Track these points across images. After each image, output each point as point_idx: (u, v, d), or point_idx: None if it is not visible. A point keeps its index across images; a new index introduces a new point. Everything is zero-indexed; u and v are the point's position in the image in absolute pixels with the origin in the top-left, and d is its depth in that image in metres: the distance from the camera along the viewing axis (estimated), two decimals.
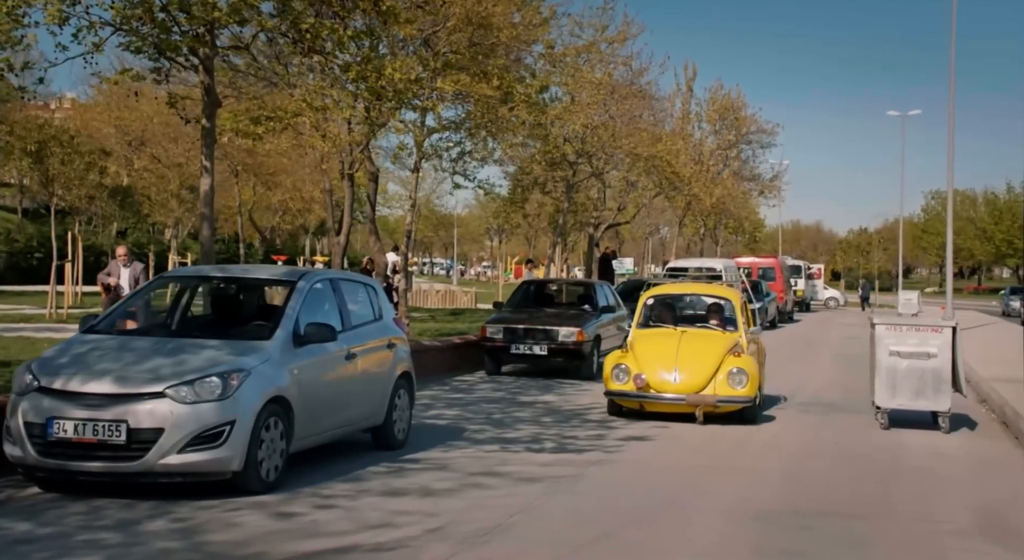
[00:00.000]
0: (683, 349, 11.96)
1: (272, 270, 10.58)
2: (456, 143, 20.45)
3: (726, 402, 11.56)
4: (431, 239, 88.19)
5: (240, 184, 39.84)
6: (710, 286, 14.56)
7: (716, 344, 12.13)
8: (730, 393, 11.56)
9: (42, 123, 31.36)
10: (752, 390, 11.64)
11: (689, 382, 11.61)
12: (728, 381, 11.57)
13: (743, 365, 11.69)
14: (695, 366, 11.70)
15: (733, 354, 11.90)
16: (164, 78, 13.20)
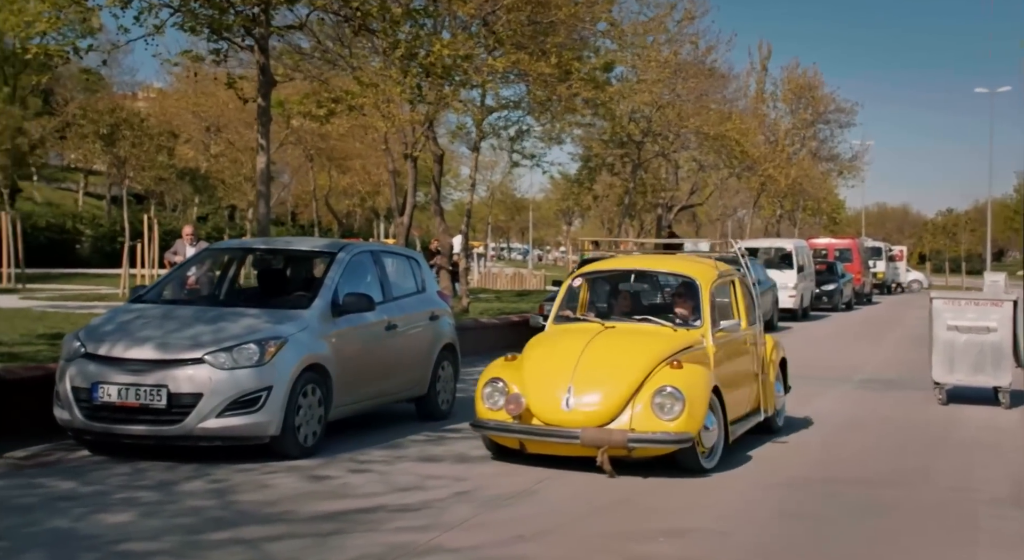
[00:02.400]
0: (589, 356, 7.67)
1: (314, 242, 10.77)
2: (514, 122, 20.48)
3: (643, 442, 7.23)
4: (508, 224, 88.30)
5: (315, 170, 40.51)
6: (666, 258, 9.71)
7: (649, 348, 7.83)
8: (652, 427, 7.28)
9: (113, 107, 32.30)
10: (691, 422, 7.32)
11: (589, 410, 7.38)
12: (652, 408, 7.34)
13: (680, 382, 7.39)
14: (602, 383, 7.49)
15: (671, 365, 7.58)
16: (223, 59, 13.51)
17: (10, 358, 10.23)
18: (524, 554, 5.57)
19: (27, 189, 46.88)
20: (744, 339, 8.93)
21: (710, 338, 8.27)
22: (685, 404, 7.35)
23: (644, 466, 7.55)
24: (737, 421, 8.36)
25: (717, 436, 7.75)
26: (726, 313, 8.94)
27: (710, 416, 7.63)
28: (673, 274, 9.07)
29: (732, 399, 8.15)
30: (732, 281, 9.07)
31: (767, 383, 9.20)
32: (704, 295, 8.47)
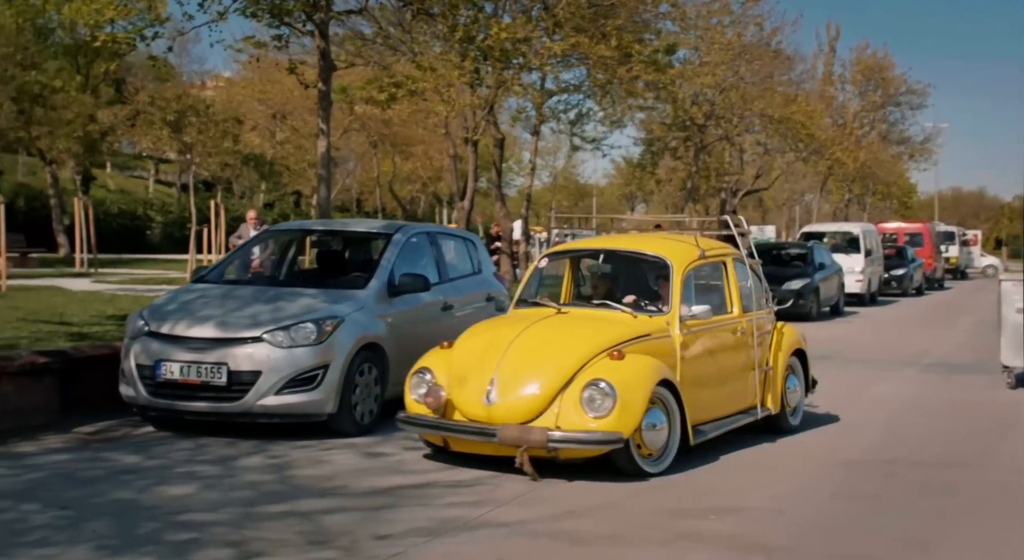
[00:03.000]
0: (519, 346, 6.91)
1: (371, 223, 10.89)
2: (574, 105, 20.42)
3: (564, 442, 6.46)
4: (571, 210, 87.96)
5: (379, 156, 40.87)
6: (641, 237, 8.81)
7: (590, 337, 7.01)
8: (578, 425, 6.51)
9: (180, 94, 32.96)
10: (622, 421, 6.50)
11: (510, 405, 6.63)
12: (581, 404, 6.56)
13: (613, 375, 6.58)
14: (528, 375, 6.70)
15: (611, 355, 6.74)
16: (284, 45, 13.69)
17: (80, 338, 10.52)
18: (574, 529, 5.59)
19: (100, 177, 48.05)
20: (735, 327, 7.89)
21: (676, 326, 7.30)
22: (616, 400, 6.48)
23: (700, 447, 7.51)
24: (717, 420, 7.51)
25: (667, 437, 6.85)
26: (717, 297, 7.98)
27: (658, 414, 6.78)
28: (642, 254, 7.99)
29: (704, 396, 7.33)
30: (724, 262, 8.05)
31: (773, 377, 8.21)
32: (675, 278, 7.49)
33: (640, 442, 6.73)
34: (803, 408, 8.78)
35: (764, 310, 8.42)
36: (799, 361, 8.75)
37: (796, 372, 8.64)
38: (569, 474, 6.70)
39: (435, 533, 5.44)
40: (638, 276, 8.11)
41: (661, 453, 6.87)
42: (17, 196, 35.76)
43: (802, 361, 8.81)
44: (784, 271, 20.50)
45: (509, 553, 5.16)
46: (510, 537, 5.42)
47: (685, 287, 7.52)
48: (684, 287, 7.50)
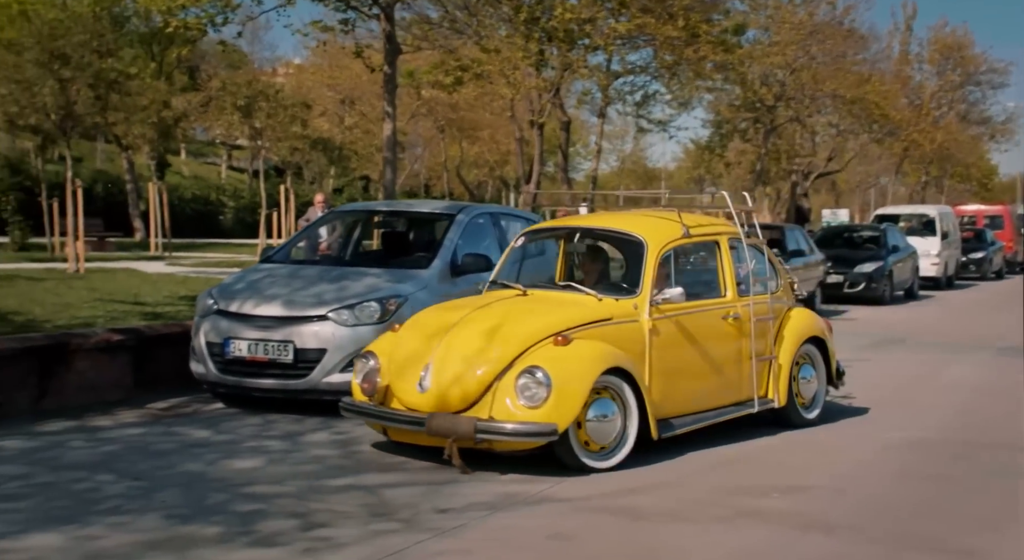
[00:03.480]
0: (461, 330, 6.46)
1: (435, 204, 10.97)
2: (640, 87, 20.26)
3: (492, 433, 6.03)
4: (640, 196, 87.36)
5: (446, 141, 41.04)
6: (619, 215, 8.20)
7: (538, 321, 6.51)
8: (512, 415, 6.07)
9: (250, 79, 33.49)
10: (557, 412, 6.03)
11: (443, 392, 6.22)
12: (516, 392, 6.12)
13: (551, 362, 6.13)
14: (464, 361, 6.26)
15: (555, 341, 6.29)
16: (351, 29, 13.81)
17: (154, 317, 10.80)
18: (634, 505, 5.59)
19: (175, 163, 49.06)
20: (726, 312, 7.25)
21: (646, 310, 6.73)
22: (551, 389, 6.01)
23: (764, 425, 7.44)
24: (700, 413, 7.00)
25: (619, 430, 6.37)
26: (709, 280, 7.46)
27: (608, 406, 6.32)
28: (617, 233, 7.45)
29: (681, 386, 6.85)
30: (717, 242, 7.44)
31: (779, 366, 7.55)
32: (649, 258, 6.90)
33: (586, 435, 6.24)
34: (823, 400, 7.99)
35: (771, 294, 7.65)
36: (818, 350, 7.97)
37: (814, 361, 7.94)
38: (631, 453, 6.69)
39: (495, 507, 5.49)
40: (615, 256, 7.74)
41: (612, 447, 6.35)
42: (95, 182, 36.71)
43: (822, 350, 8.02)
44: (856, 254, 20.17)
45: (568, 528, 5.18)
46: (569, 513, 5.45)
47: (662, 268, 6.96)
48: (661, 268, 6.94)
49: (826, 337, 8.08)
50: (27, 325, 9.91)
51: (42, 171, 28.42)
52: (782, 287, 7.96)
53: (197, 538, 4.86)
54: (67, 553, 4.60)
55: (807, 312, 8.20)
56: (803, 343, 7.80)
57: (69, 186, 20.21)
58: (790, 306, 7.99)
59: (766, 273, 7.72)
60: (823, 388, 8.02)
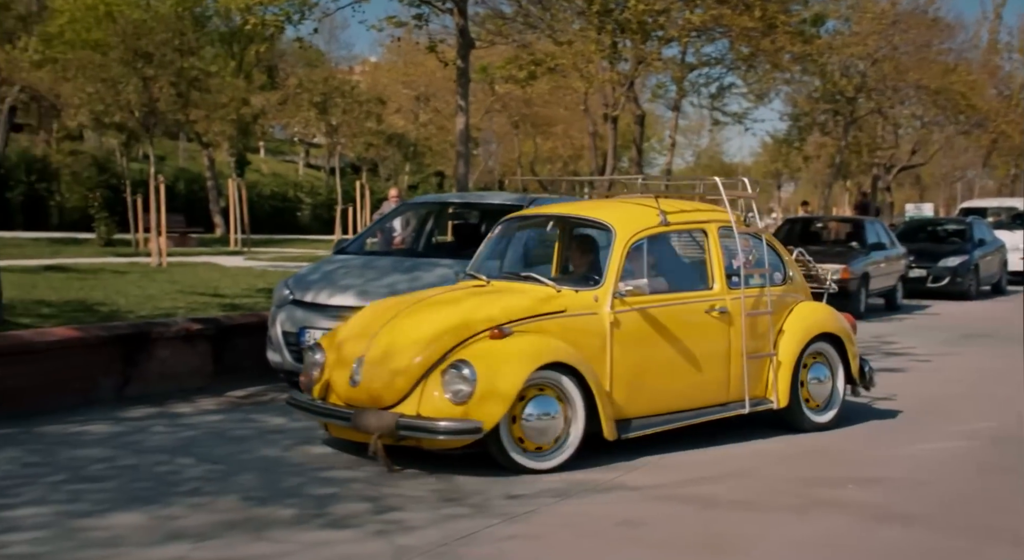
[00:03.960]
0: (399, 321, 6.17)
1: (506, 196, 10.98)
2: (715, 79, 20.02)
3: (414, 430, 5.77)
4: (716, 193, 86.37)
5: (520, 136, 41.09)
6: (596, 202, 7.92)
7: (479, 313, 6.16)
8: (437, 411, 5.79)
9: (326, 76, 33.98)
10: (482, 409, 5.71)
11: (373, 386, 5.98)
12: (444, 387, 5.85)
13: (479, 356, 5.84)
14: (396, 354, 5.98)
15: (492, 334, 5.98)
16: (424, 23, 13.91)
17: (232, 308, 11.04)
18: (706, 494, 5.55)
19: (255, 161, 50.00)
20: (710, 305, 6.74)
21: (607, 303, 6.31)
22: (476, 385, 5.70)
23: (842, 417, 7.31)
24: (673, 413, 6.52)
25: (562, 430, 5.99)
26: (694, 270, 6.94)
27: (550, 403, 5.96)
28: (587, 220, 7.04)
29: (649, 384, 6.40)
30: (704, 230, 6.94)
31: (778, 365, 6.99)
32: (616, 247, 6.46)
33: (521, 434, 5.89)
34: (840, 402, 7.34)
35: (772, 287, 7.05)
36: (834, 348, 7.34)
37: (830, 361, 7.32)
38: (702, 442, 6.64)
39: (565, 494, 5.50)
40: (587, 245, 7.08)
41: (553, 447, 5.98)
42: (177, 180, 37.62)
43: (839, 349, 7.36)
44: (940, 248, 19.69)
45: (638, 515, 5.16)
46: (640, 500, 5.43)
47: (634, 258, 6.53)
48: (632, 258, 6.51)
49: (844, 334, 7.38)
50: (112, 315, 10.21)
51: (127, 169, 29.30)
52: (791, 280, 7.35)
53: (272, 519, 4.95)
54: (149, 531, 4.72)
55: (820, 307, 7.48)
56: (813, 340, 7.17)
57: (152, 183, 20.75)
58: (799, 300, 7.33)
59: (765, 264, 7.07)
60: (840, 390, 7.35)
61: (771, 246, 7.28)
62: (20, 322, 9.32)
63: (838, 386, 7.34)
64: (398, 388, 5.91)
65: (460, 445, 5.83)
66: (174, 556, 4.40)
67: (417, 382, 5.90)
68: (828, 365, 7.33)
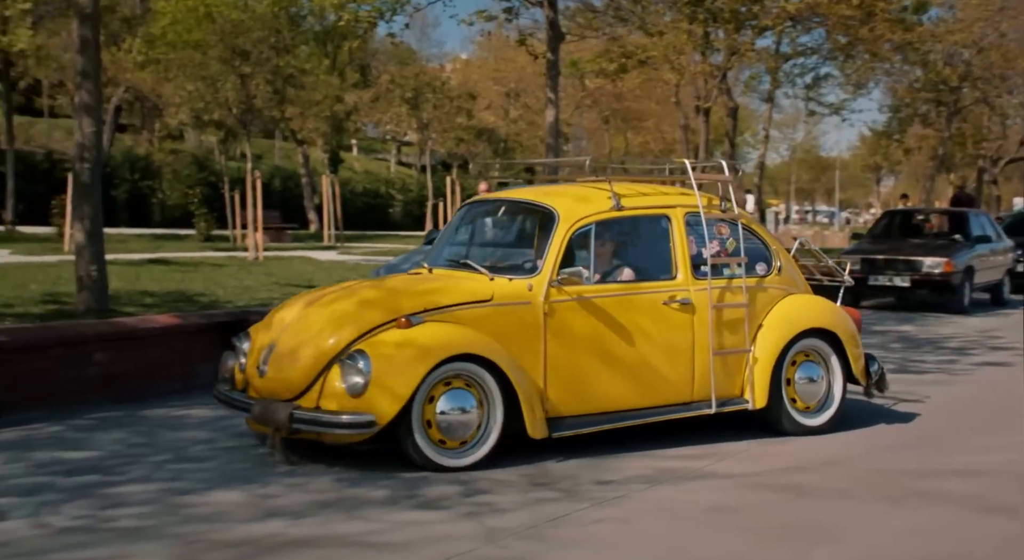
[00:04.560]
0: (313, 310, 5.95)
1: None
2: (811, 69, 19.62)
3: (309, 424, 5.51)
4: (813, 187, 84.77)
5: (611, 132, 40.96)
6: (549, 187, 7.23)
7: (394, 302, 5.85)
8: (334, 403, 5.53)
9: (418, 72, 34.33)
10: (376, 402, 5.42)
11: (276, 377, 5.74)
12: (342, 380, 5.56)
13: (375, 347, 5.54)
14: (303, 343, 5.72)
15: (399, 323, 5.65)
16: (514, 17, 13.97)
17: None
18: (800, 483, 5.47)
19: (348, 159, 50.83)
20: (669, 296, 6.23)
21: (542, 292, 5.88)
22: (370, 377, 5.41)
23: (939, 409, 7.11)
24: (623, 412, 6.08)
25: (475, 426, 5.64)
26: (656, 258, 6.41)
27: (464, 397, 5.63)
28: (532, 204, 6.54)
29: (592, 380, 5.97)
30: (667, 216, 6.40)
31: (757, 361, 6.42)
32: (557, 233, 6.03)
33: (435, 429, 5.59)
34: (837, 404, 6.69)
35: (748, 277, 6.51)
36: (830, 345, 6.69)
37: (825, 359, 6.69)
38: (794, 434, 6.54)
39: (655, 481, 5.47)
40: (532, 231, 6.58)
41: (471, 443, 5.66)
42: (273, 177, 38.49)
43: (835, 345, 6.70)
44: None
45: (730, 502, 5.11)
46: (731, 488, 5.38)
47: (578, 246, 6.08)
48: (576, 245, 6.06)
49: (840, 330, 6.70)
50: (211, 305, 10.50)
51: (225, 167, 30.03)
52: (778, 271, 6.72)
53: (365, 499, 5.04)
54: (248, 508, 4.85)
55: (811, 299, 6.82)
56: (800, 336, 6.56)
57: (249, 180, 21.26)
58: (789, 292, 6.70)
59: (741, 252, 6.51)
60: (838, 391, 6.70)
61: (755, 234, 6.75)
62: (125, 311, 9.66)
63: (835, 387, 6.70)
64: (300, 380, 5.63)
65: (357, 439, 5.54)
66: (272, 532, 4.51)
67: (319, 374, 5.60)
68: (824, 364, 6.70)
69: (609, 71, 18.36)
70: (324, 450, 5.74)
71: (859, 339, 6.88)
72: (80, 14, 8.77)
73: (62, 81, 29.15)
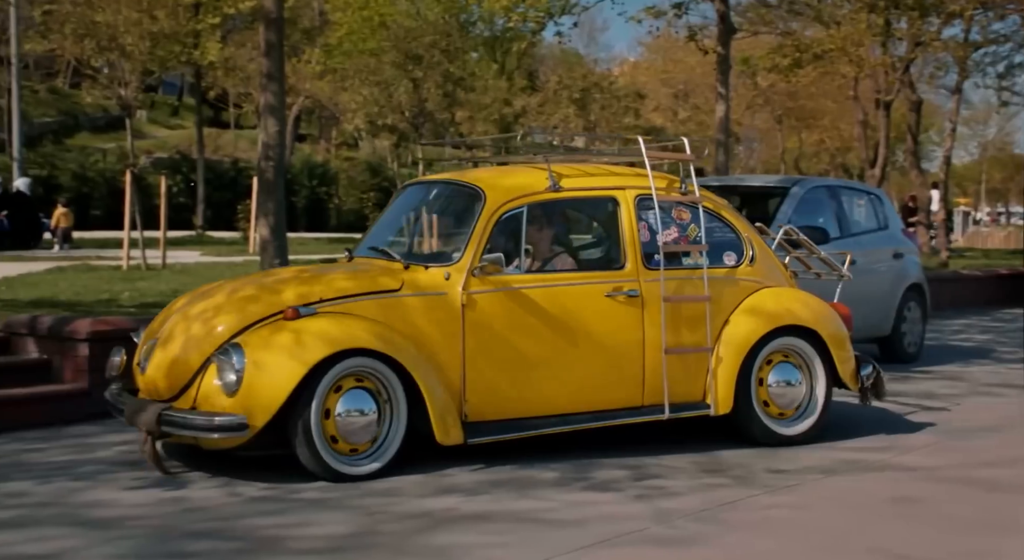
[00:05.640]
0: (202, 299, 5.43)
1: (768, 178, 10.76)
2: (1003, 57, 18.57)
3: (177, 427, 4.93)
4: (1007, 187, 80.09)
5: (784, 131, 39.92)
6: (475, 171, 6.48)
7: (287, 291, 5.29)
8: (212, 404, 4.95)
9: (585, 73, 34.45)
10: (248, 402, 4.86)
11: (155, 374, 5.19)
12: (218, 378, 4.98)
13: (254, 342, 4.98)
14: (180, 337, 5.18)
15: (286, 315, 5.08)
16: (683, 12, 13.84)
17: None
18: (990, 477, 5.22)
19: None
20: (615, 287, 5.57)
21: (461, 282, 5.28)
22: (243, 374, 4.83)
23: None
24: (550, 417, 5.45)
25: (382, 430, 5.08)
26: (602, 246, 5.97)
27: (362, 399, 5.03)
28: (459, 185, 5.93)
29: (513, 381, 5.35)
30: (615, 199, 5.72)
31: (721, 361, 5.71)
32: (482, 216, 5.39)
33: (335, 433, 4.98)
34: (819, 411, 5.92)
35: (723, 269, 5.89)
36: (812, 345, 5.92)
37: (805, 361, 5.93)
38: (978, 432, 6.23)
39: (832, 471, 5.33)
40: (456, 214, 5.96)
41: (370, 449, 5.08)
42: None
43: (818, 346, 5.93)
44: None
45: (913, 493, 4.92)
46: (914, 480, 5.18)
47: (506, 230, 5.46)
48: (503, 230, 5.45)
49: (823, 328, 5.94)
50: None
51: (397, 172, 30.95)
52: (751, 261, 6.00)
53: (537, 480, 5.09)
54: (424, 486, 4.96)
55: (790, 292, 6.10)
56: (775, 334, 5.81)
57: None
58: (764, 285, 5.98)
59: (702, 240, 5.84)
60: (820, 396, 5.92)
61: (722, 220, 6.02)
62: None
63: (818, 392, 5.91)
64: (177, 377, 5.06)
65: (233, 444, 4.93)
66: (446, 506, 4.62)
67: (198, 371, 5.02)
68: (805, 366, 5.93)
69: (783, 67, 17.88)
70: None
71: (847, 338, 6.07)
72: (266, 19, 9.23)
73: (248, 92, 30.66)
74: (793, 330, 5.88)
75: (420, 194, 6.40)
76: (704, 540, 4.20)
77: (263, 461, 5.11)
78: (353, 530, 4.28)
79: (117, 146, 35.50)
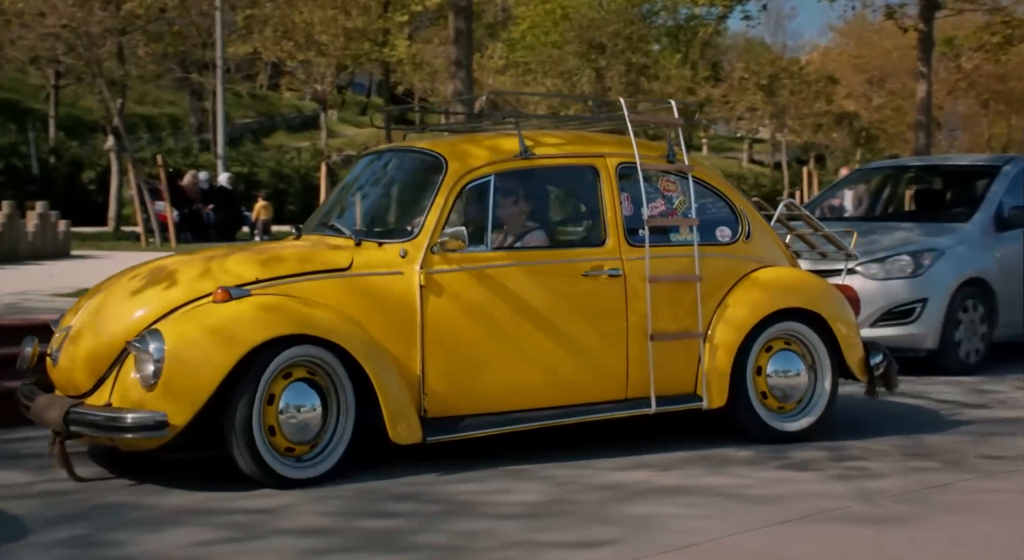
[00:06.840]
0: (123, 282, 4.78)
1: (975, 157, 10.20)
2: None
3: (84, 426, 4.30)
4: None
5: (989, 117, 37.76)
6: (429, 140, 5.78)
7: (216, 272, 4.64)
8: (129, 400, 4.30)
9: (773, 58, 33.55)
10: (174, 397, 4.21)
11: (67, 366, 4.62)
12: (135, 370, 4.33)
13: (176, 328, 4.34)
14: (98, 325, 4.58)
15: (216, 297, 4.42)
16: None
17: None
18: None
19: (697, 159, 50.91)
20: (594, 266, 4.98)
21: (419, 260, 4.66)
22: (163, 364, 4.20)
23: None
24: (523, 412, 4.83)
25: (327, 429, 4.47)
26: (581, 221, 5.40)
27: (305, 394, 4.42)
28: (419, 152, 5.31)
29: (479, 372, 4.75)
30: (594, 167, 5.10)
31: (713, 350, 5.11)
32: (444, 186, 4.78)
33: (279, 430, 4.37)
34: (825, 404, 5.31)
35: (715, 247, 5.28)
36: (816, 331, 5.30)
37: (808, 347, 5.32)
38: None
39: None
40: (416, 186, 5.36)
41: (318, 450, 4.48)
42: None
43: (822, 331, 5.31)
44: None
45: None
46: None
47: (471, 202, 4.93)
48: (468, 202, 4.92)
49: (828, 312, 5.33)
50: None
51: None
52: (746, 236, 5.39)
53: (731, 458, 4.99)
54: (616, 460, 4.93)
55: (791, 272, 5.51)
56: (774, 318, 5.21)
57: None
58: (762, 265, 5.37)
59: (692, 213, 5.23)
60: (826, 388, 5.32)
61: (716, 191, 5.42)
62: None
63: (823, 383, 5.32)
64: (91, 370, 4.50)
65: (153, 445, 4.31)
66: (638, 479, 4.60)
67: (113, 363, 4.44)
68: (808, 353, 5.33)
69: (991, 46, 16.86)
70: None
71: (854, 322, 5.47)
72: (455, 7, 9.46)
73: (434, 88, 31.45)
74: (795, 314, 5.29)
75: (377, 165, 5.71)
76: (914, 520, 4.02)
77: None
78: (547, 498, 4.31)
79: (311, 144, 37.13)
